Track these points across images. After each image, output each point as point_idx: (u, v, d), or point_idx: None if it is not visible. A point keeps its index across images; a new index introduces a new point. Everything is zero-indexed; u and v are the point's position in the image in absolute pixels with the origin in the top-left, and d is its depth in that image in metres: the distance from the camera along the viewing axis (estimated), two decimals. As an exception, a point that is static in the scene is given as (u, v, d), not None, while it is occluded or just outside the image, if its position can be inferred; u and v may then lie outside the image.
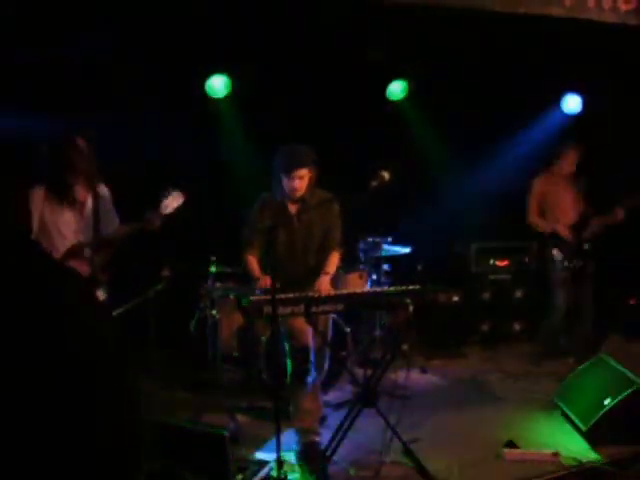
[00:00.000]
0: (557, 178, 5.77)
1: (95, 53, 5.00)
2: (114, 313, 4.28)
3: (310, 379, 4.19)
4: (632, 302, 6.86)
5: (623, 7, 4.64)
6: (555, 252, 5.71)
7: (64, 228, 3.75)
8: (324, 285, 4.18)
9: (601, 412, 4.17)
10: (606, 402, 4.18)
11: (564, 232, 5.68)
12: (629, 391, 4.14)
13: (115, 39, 5.02)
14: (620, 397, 4.14)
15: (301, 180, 4.18)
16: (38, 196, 3.66)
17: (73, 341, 1.69)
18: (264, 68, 5.82)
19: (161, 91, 5.64)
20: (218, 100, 6.30)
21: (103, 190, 4.02)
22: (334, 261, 4.35)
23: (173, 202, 3.99)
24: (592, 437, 4.17)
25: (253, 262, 4.32)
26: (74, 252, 3.72)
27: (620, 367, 4.44)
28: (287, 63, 5.89)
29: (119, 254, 4.04)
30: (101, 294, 3.89)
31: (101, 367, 1.73)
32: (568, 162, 5.71)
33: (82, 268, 3.70)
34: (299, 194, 4.25)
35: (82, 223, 3.83)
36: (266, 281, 4.09)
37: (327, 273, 4.27)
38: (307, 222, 4.33)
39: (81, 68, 5.16)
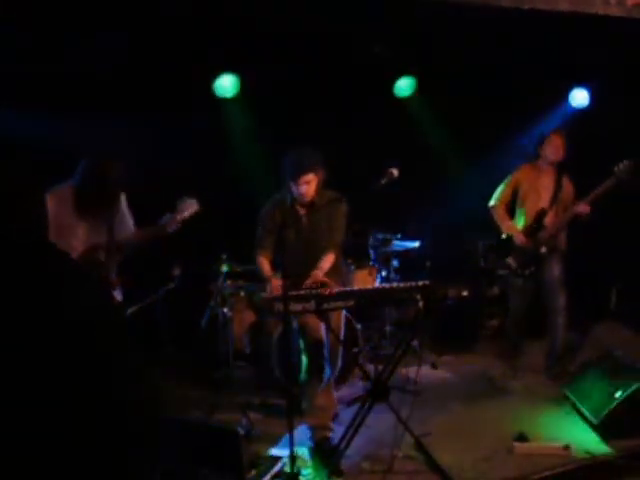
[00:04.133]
0: (539, 171, 5.40)
1: (105, 55, 5.04)
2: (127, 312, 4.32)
3: (324, 375, 4.22)
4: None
5: (629, 1, 4.64)
6: (510, 260, 5.39)
7: (78, 231, 3.79)
8: (316, 277, 4.18)
9: (612, 405, 4.17)
10: (617, 395, 4.18)
11: (519, 240, 5.31)
12: (639, 384, 4.14)
13: (126, 41, 5.05)
14: (631, 390, 4.14)
15: (308, 185, 4.22)
16: (56, 198, 3.72)
17: (90, 341, 1.71)
18: (271, 67, 5.83)
19: (168, 91, 5.66)
20: (227, 99, 6.32)
21: (119, 199, 4.05)
22: (328, 260, 4.34)
23: (188, 209, 4.04)
24: (603, 430, 4.17)
25: (264, 263, 4.36)
26: (88, 255, 3.76)
27: (630, 360, 4.44)
28: (294, 61, 5.90)
29: (132, 256, 4.07)
30: (116, 295, 3.93)
31: (117, 365, 1.75)
32: (553, 147, 5.29)
33: (95, 271, 3.75)
34: (308, 199, 4.29)
35: (96, 227, 3.87)
36: (276, 286, 4.11)
37: (320, 268, 4.27)
38: (315, 222, 4.37)
39: (91, 71, 5.19)
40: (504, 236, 5.44)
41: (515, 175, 5.50)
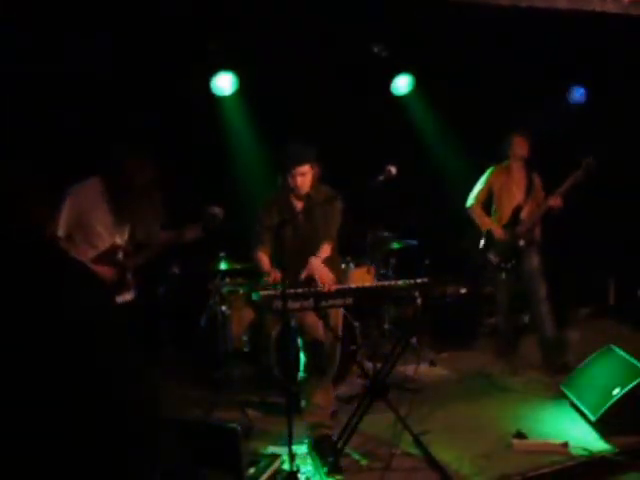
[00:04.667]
0: (509, 170, 5.69)
1: (105, 55, 5.05)
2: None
3: (322, 373, 4.24)
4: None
5: (625, -3, 4.66)
6: (491, 255, 5.62)
7: (100, 227, 3.79)
8: (314, 265, 4.19)
9: (610, 402, 4.18)
10: (615, 392, 4.20)
11: (498, 234, 5.56)
12: (638, 380, 4.15)
13: (125, 40, 5.06)
14: (629, 387, 4.15)
15: (303, 177, 4.26)
16: (79, 195, 3.72)
17: (89, 341, 1.70)
18: (270, 65, 5.84)
19: (164, 89, 5.67)
20: (224, 98, 6.32)
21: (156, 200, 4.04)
22: (325, 250, 4.37)
23: (215, 217, 4.06)
24: (601, 427, 4.18)
25: (263, 259, 4.37)
26: (106, 255, 3.77)
27: (628, 357, 4.45)
28: (292, 60, 5.91)
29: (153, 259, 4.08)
30: (129, 295, 3.93)
31: (117, 365, 1.75)
32: (519, 147, 5.59)
33: (111, 271, 3.75)
34: (303, 191, 4.32)
35: (120, 225, 3.88)
36: (275, 275, 4.14)
37: (317, 257, 4.28)
38: (311, 220, 4.39)
39: (90, 71, 5.19)
40: (484, 233, 5.68)
41: (488, 177, 5.79)
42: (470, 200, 5.78)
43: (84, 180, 3.82)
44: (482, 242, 5.70)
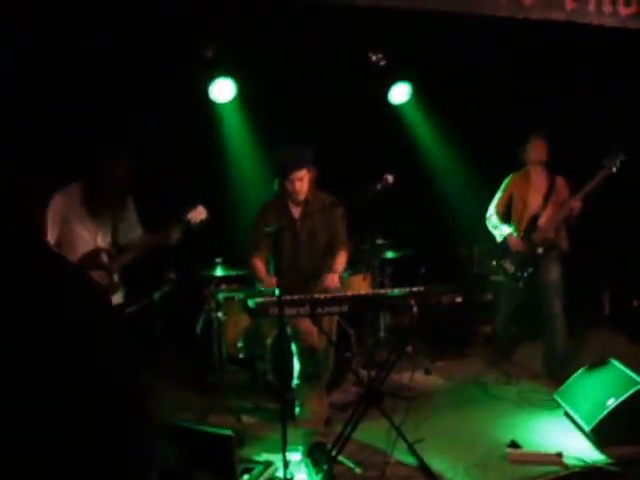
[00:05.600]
0: (528, 177, 5.53)
1: (104, 56, 5.05)
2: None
3: (316, 380, 4.23)
4: (636, 304, 6.91)
5: (623, 11, 4.67)
6: (507, 264, 5.49)
7: (84, 232, 3.79)
8: (332, 282, 4.23)
9: (605, 412, 4.18)
10: (609, 402, 4.20)
11: (513, 244, 5.41)
12: (632, 391, 4.15)
13: (125, 41, 5.06)
14: (624, 397, 4.15)
15: (301, 181, 4.27)
16: (64, 198, 3.73)
17: (89, 341, 1.70)
18: (269, 72, 5.85)
19: (162, 93, 5.67)
20: (223, 104, 6.32)
21: (127, 199, 4.06)
22: (342, 260, 4.42)
23: (196, 216, 4.05)
24: (596, 437, 4.18)
25: (259, 265, 4.38)
26: (90, 257, 3.77)
27: (623, 367, 4.46)
28: (290, 67, 5.93)
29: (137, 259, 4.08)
30: (117, 297, 3.94)
31: (116, 365, 1.75)
32: (536, 149, 5.45)
33: (96, 274, 3.75)
34: (301, 196, 4.33)
35: (101, 228, 3.88)
36: (272, 282, 4.14)
37: (335, 271, 4.32)
38: (310, 227, 4.40)
39: (90, 71, 5.19)
40: (499, 240, 5.56)
41: (507, 185, 5.67)
42: (489, 210, 5.66)
43: (65, 187, 3.82)
44: (498, 251, 5.59)
